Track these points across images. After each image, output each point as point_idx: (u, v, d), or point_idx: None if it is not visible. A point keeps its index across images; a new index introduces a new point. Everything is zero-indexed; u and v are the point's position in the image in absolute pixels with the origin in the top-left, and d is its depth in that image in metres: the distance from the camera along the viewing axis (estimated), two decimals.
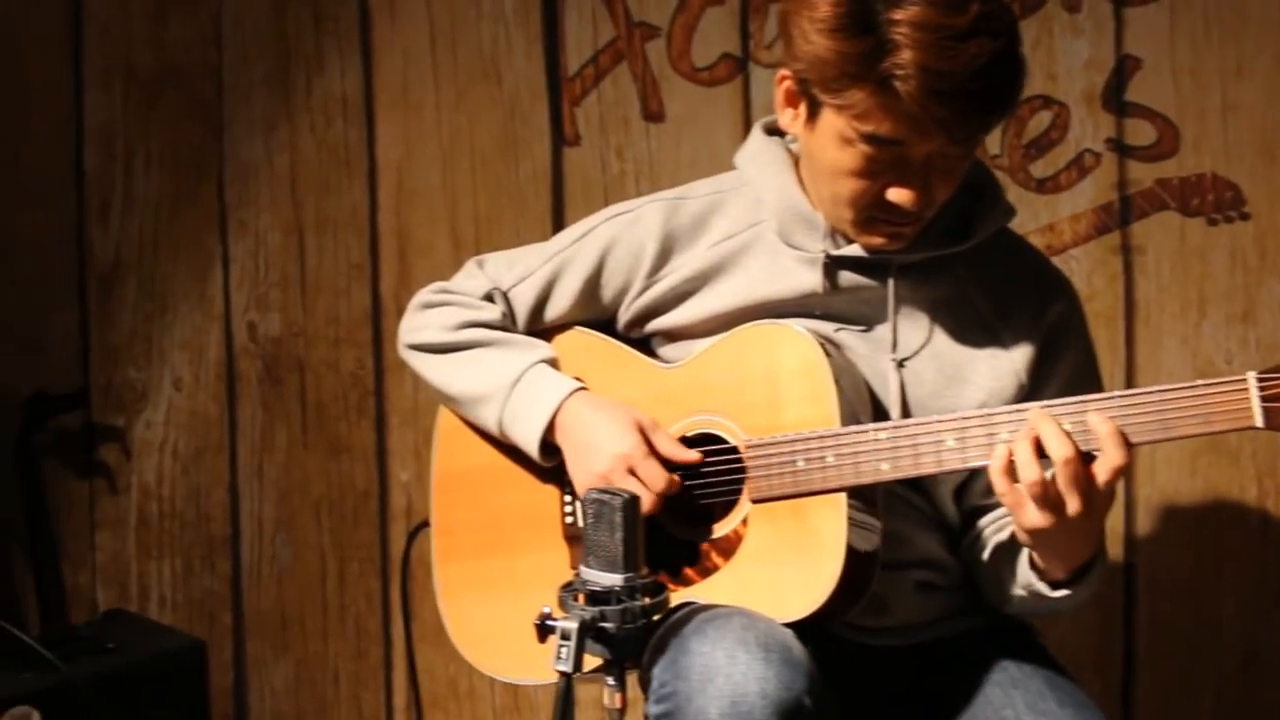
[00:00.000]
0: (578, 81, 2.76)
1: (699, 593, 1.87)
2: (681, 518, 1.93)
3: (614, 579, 1.65)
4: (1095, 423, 1.65)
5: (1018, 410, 1.73)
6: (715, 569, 1.89)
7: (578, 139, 2.76)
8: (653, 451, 1.89)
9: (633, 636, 1.65)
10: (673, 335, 2.00)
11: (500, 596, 2.04)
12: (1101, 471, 1.66)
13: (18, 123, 3.16)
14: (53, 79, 3.13)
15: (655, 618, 1.67)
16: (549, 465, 1.98)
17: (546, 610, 1.66)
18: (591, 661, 1.63)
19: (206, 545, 3.08)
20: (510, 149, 2.80)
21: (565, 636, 1.63)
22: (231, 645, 3.07)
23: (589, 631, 1.64)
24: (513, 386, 1.97)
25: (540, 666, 1.95)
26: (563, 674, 1.63)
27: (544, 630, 1.66)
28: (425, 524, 2.18)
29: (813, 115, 1.78)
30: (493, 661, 2.06)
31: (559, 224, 2.76)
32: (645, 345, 2.05)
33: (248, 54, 2.98)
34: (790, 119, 1.84)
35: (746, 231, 1.95)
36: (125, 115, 3.08)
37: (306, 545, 3.01)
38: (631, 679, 1.71)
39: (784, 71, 1.81)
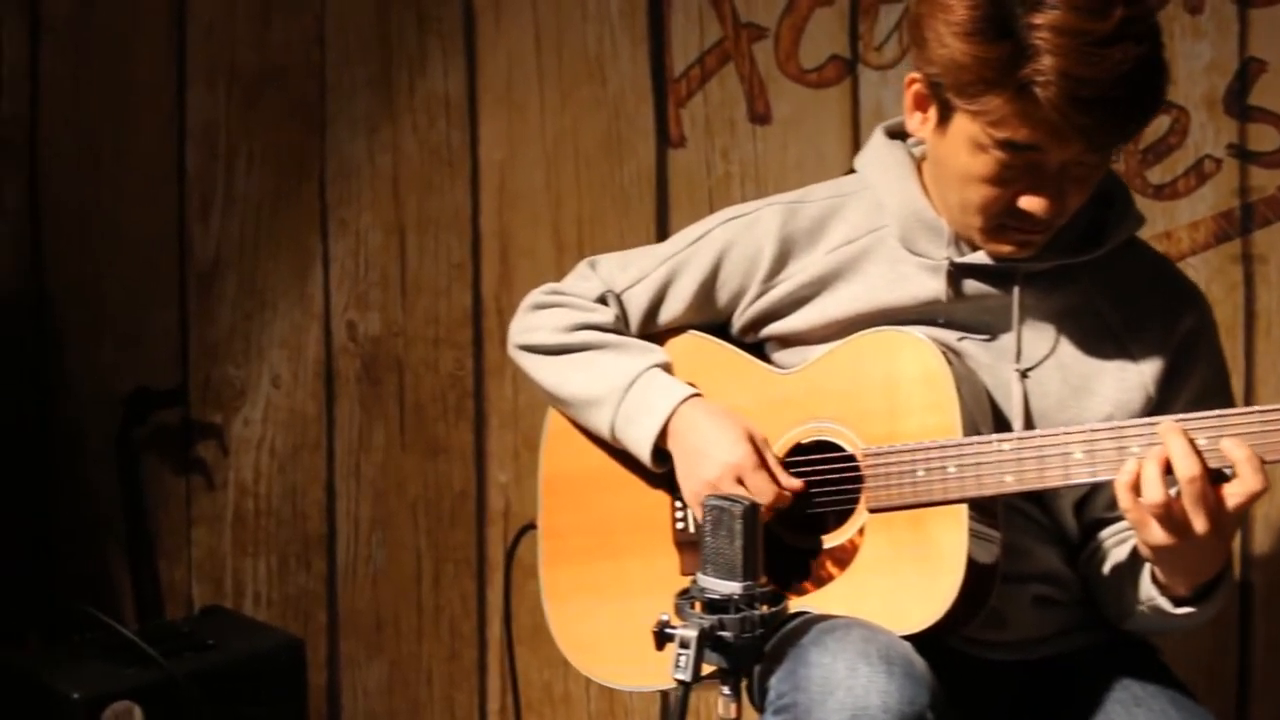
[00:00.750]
0: (683, 83, 2.73)
1: (812, 602, 1.84)
2: (793, 526, 1.90)
3: (732, 587, 1.62)
4: (1230, 447, 1.60)
5: (1149, 423, 1.68)
6: (829, 579, 1.86)
7: (683, 141, 2.74)
8: (763, 463, 1.86)
9: (750, 646, 1.63)
10: (788, 341, 1.97)
11: (608, 601, 2.02)
12: (1234, 495, 1.61)
13: (121, 121, 3.19)
14: (156, 78, 3.15)
15: (773, 628, 1.64)
16: (660, 471, 1.96)
17: (665, 617, 1.63)
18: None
19: (302, 543, 3.08)
20: (614, 150, 2.78)
21: (684, 645, 1.60)
22: (325, 644, 3.07)
23: (708, 640, 1.61)
24: (626, 391, 1.95)
25: (646, 672, 1.95)
26: (681, 682, 1.61)
27: (662, 638, 1.63)
28: (530, 526, 2.16)
29: (944, 120, 1.74)
30: (598, 666, 2.04)
31: (663, 226, 2.74)
32: (759, 350, 2.02)
33: (351, 54, 2.99)
34: (918, 123, 1.80)
35: (866, 236, 1.92)
36: (228, 114, 3.10)
37: (402, 546, 3.00)
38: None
39: (914, 75, 1.78)
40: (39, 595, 3.14)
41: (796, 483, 1.87)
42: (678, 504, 1.99)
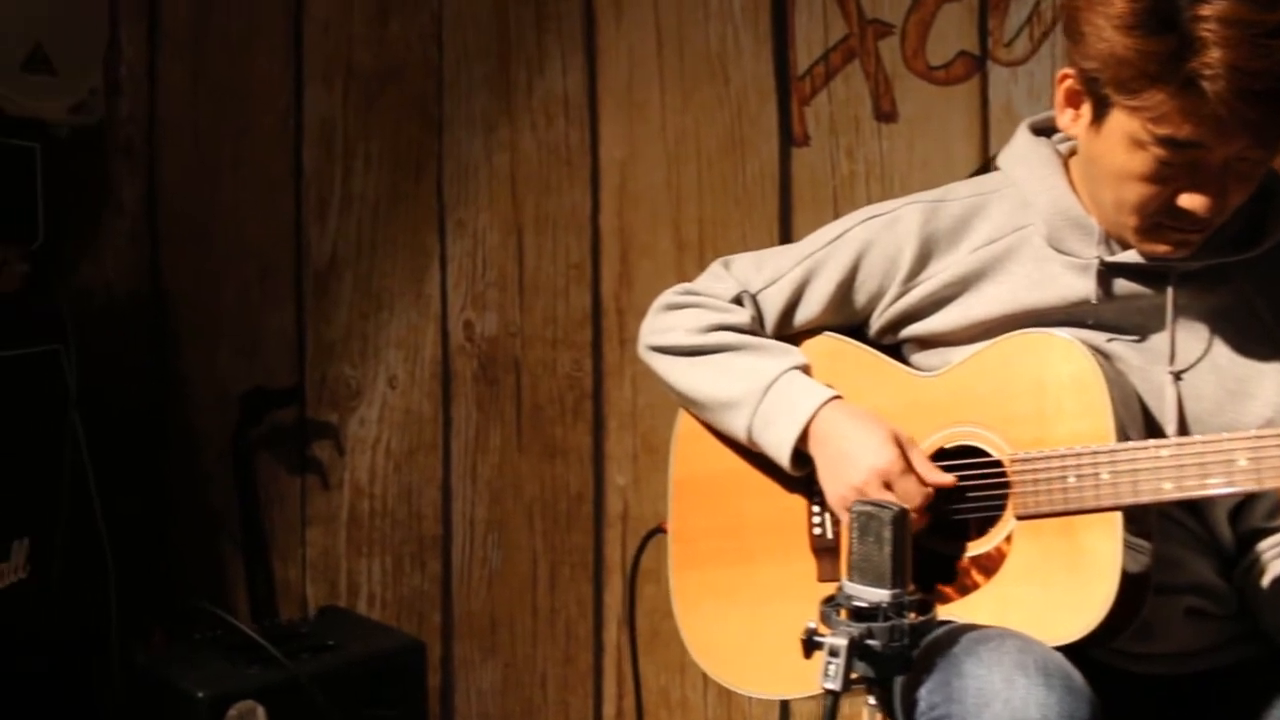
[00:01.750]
0: (807, 81, 2.69)
1: (956, 611, 1.79)
2: (935, 531, 1.86)
3: (881, 594, 1.58)
4: None
5: None
6: (974, 587, 1.81)
7: (807, 139, 2.70)
8: (910, 467, 1.82)
9: (898, 655, 1.58)
10: (928, 342, 1.93)
11: (740, 606, 1.99)
12: None
13: (239, 122, 3.21)
14: (273, 78, 3.17)
15: (922, 637, 1.60)
16: (798, 475, 1.93)
17: (812, 625, 1.59)
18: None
19: (417, 544, 3.08)
20: (737, 150, 2.75)
21: (833, 653, 1.56)
22: (440, 645, 3.06)
23: (857, 648, 1.57)
24: (765, 393, 1.92)
25: (780, 680, 1.92)
26: (830, 692, 1.57)
27: (810, 645, 1.59)
28: (657, 530, 2.14)
29: (1099, 116, 1.69)
30: (729, 672, 2.01)
31: (786, 227, 2.70)
32: (896, 352, 1.98)
33: (469, 53, 2.98)
34: (1070, 120, 1.75)
35: (1011, 235, 1.87)
36: (345, 113, 3.10)
37: (518, 547, 2.99)
38: None
39: (1066, 70, 1.73)
40: (159, 594, 3.16)
41: (948, 478, 1.82)
42: (815, 508, 1.95)
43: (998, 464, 1.82)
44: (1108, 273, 1.80)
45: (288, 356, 3.17)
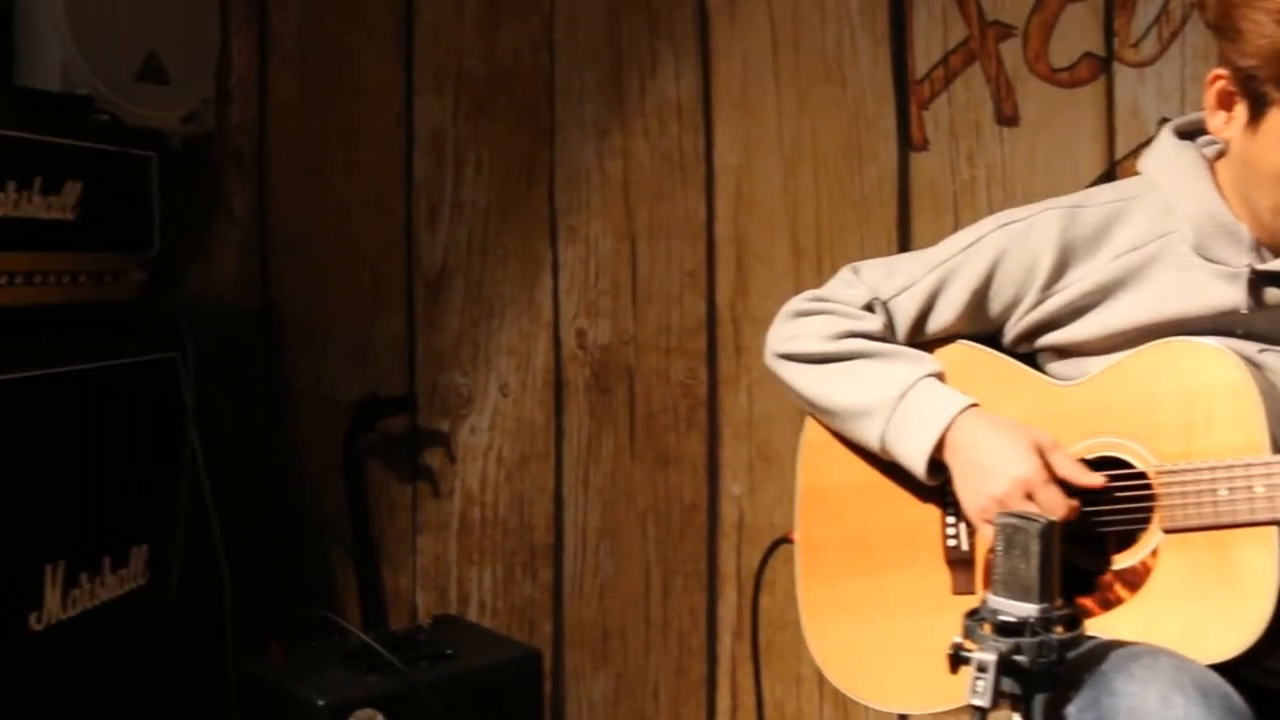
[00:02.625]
0: (926, 84, 2.65)
1: (1100, 626, 1.75)
2: (1075, 544, 1.81)
3: (1028, 609, 1.55)
4: None
5: None
6: (1118, 601, 1.77)
7: (926, 144, 2.66)
8: (1052, 476, 1.78)
9: (1045, 671, 1.55)
10: (1065, 351, 1.89)
11: (870, 618, 1.96)
12: None
13: (349, 130, 3.21)
14: (383, 86, 3.17)
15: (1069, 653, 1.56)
16: (933, 484, 1.89)
17: (958, 640, 1.56)
18: None
19: (529, 553, 3.06)
20: (854, 154, 2.71)
21: (982, 669, 1.53)
22: (551, 655, 3.04)
23: (1006, 664, 1.54)
24: (899, 400, 1.88)
25: (911, 694, 1.89)
26: (977, 709, 1.53)
27: (956, 660, 1.56)
28: (784, 540, 2.10)
29: (1256, 116, 1.64)
30: (858, 684, 1.98)
31: (905, 233, 2.66)
32: (1030, 361, 1.94)
33: (580, 59, 2.96)
34: (1222, 122, 1.70)
35: (1154, 243, 1.83)
36: (455, 121, 3.10)
37: (630, 556, 2.96)
38: None
39: (1219, 71, 1.68)
40: (271, 602, 3.17)
41: (1097, 478, 1.77)
42: (949, 519, 1.91)
43: (1142, 475, 1.77)
44: (1259, 281, 1.75)
45: (398, 364, 3.17)
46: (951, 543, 1.91)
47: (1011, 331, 1.92)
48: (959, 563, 1.90)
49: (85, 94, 2.70)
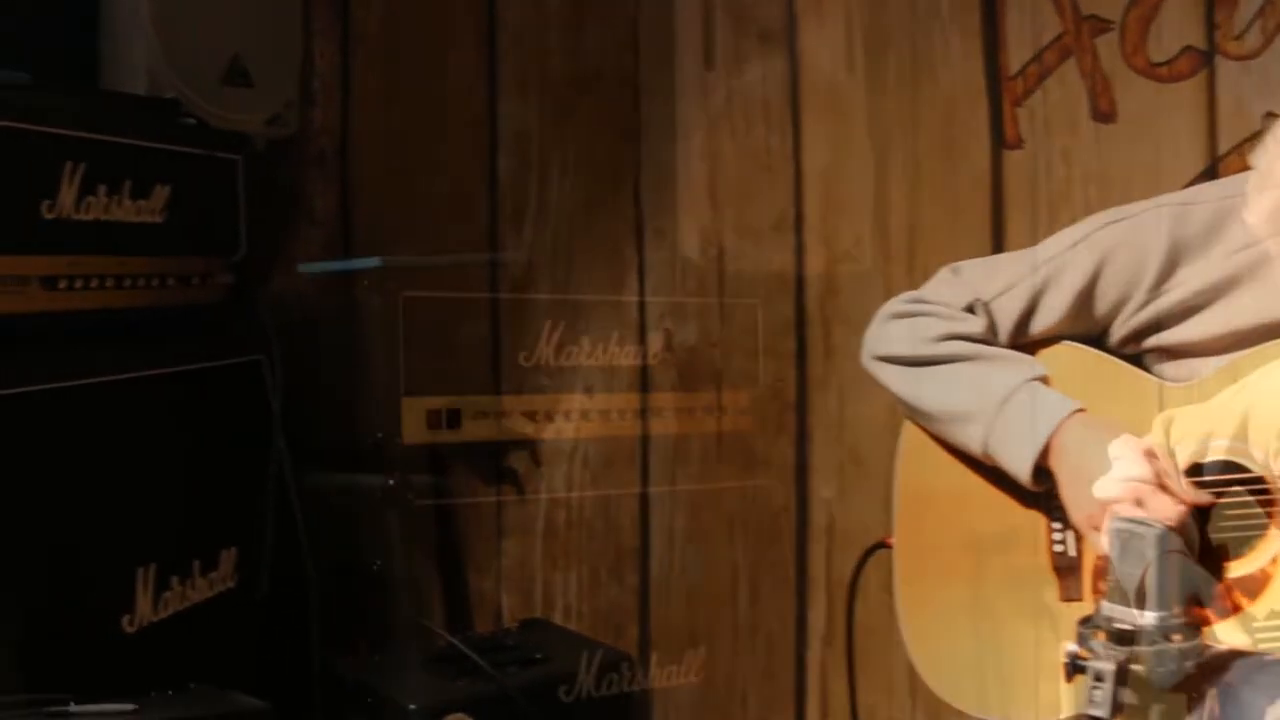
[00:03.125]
0: (1020, 80, 2.61)
1: (1218, 635, 1.70)
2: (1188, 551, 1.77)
3: (1145, 617, 1.50)
4: None
5: None
6: (1237, 609, 1.72)
7: (1020, 142, 2.61)
8: (1163, 483, 1.73)
9: (1164, 681, 1.51)
10: (1175, 352, 1.85)
11: (972, 625, 1.92)
12: None
13: (432, 131, 3.20)
14: (467, 87, 3.15)
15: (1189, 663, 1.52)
16: (1038, 490, 1.85)
17: (1073, 649, 1.52)
18: None
19: (615, 556, 3.04)
20: (946, 153, 2.67)
21: (1099, 678, 1.49)
22: (637, 659, 3.01)
23: (1123, 673, 1.50)
24: (1002, 405, 1.85)
25: (1013, 702, 1.85)
26: (1095, 719, 1.49)
27: (1073, 669, 1.52)
28: (881, 545, 2.07)
29: None
30: (959, 692, 1.94)
31: (999, 233, 2.62)
32: (1138, 362, 1.89)
33: (665, 59, 2.93)
34: None
35: (1270, 240, 1.77)
36: (540, 122, 3.08)
37: (717, 560, 2.93)
38: None
39: None
40: (356, 606, 3.16)
41: (1204, 496, 1.72)
42: (1055, 525, 1.87)
43: (1259, 480, 1.72)
44: None
45: (483, 366, 3.15)
46: (1058, 549, 1.87)
47: (1118, 332, 1.88)
48: (1066, 569, 1.86)
49: (172, 97, 2.71)
